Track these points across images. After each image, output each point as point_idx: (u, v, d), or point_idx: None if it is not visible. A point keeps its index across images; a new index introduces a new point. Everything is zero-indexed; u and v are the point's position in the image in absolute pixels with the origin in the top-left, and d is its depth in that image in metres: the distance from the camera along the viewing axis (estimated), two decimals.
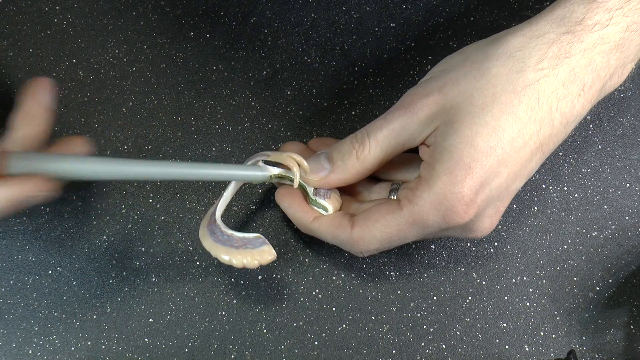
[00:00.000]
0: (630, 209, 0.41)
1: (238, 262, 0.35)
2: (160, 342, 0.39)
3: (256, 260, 0.34)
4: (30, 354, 0.39)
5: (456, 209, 0.32)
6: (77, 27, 0.43)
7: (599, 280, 0.40)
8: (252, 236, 0.35)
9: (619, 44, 0.32)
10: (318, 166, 0.36)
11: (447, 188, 0.32)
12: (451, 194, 0.32)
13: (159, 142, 0.42)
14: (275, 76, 0.43)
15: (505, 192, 0.33)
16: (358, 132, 0.35)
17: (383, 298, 0.40)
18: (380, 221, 0.34)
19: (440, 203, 0.32)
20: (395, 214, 0.34)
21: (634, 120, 0.42)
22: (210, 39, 0.43)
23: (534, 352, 0.39)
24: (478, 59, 0.33)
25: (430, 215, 0.32)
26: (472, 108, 0.32)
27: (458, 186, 0.31)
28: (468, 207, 0.32)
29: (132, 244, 0.40)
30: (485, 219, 0.34)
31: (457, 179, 0.31)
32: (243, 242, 0.35)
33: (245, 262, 0.34)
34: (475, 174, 0.31)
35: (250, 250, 0.35)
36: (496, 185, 0.32)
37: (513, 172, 0.32)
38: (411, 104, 0.33)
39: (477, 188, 0.32)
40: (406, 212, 0.33)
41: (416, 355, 0.39)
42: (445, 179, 0.32)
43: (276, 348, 0.39)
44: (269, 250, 0.35)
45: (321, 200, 0.36)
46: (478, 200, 0.32)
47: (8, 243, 0.40)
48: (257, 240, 0.35)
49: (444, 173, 0.32)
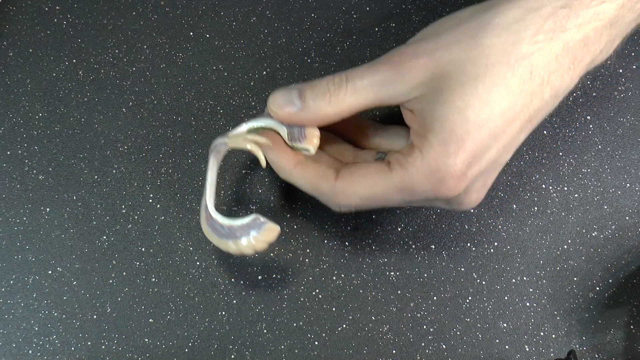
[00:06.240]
0: (630, 209, 0.41)
1: (248, 251, 0.34)
2: (160, 342, 0.39)
3: (264, 243, 0.34)
4: (30, 354, 0.39)
5: (447, 182, 0.32)
6: (77, 27, 0.43)
7: (599, 281, 0.40)
8: (250, 220, 0.35)
9: (613, 21, 0.32)
10: (288, 100, 0.34)
11: (440, 159, 0.31)
12: (444, 165, 0.31)
13: (159, 142, 0.42)
14: (275, 76, 0.43)
15: (494, 166, 0.33)
16: (337, 75, 0.34)
17: (383, 298, 0.40)
18: (367, 178, 0.33)
19: (432, 173, 0.32)
20: (384, 175, 0.33)
21: (634, 120, 0.42)
22: (210, 39, 0.43)
23: (534, 352, 0.39)
24: (472, 27, 0.32)
25: (420, 184, 0.32)
26: (464, 78, 0.31)
27: (451, 158, 0.31)
28: (459, 180, 0.32)
29: (132, 244, 0.40)
30: (472, 192, 0.33)
31: (449, 152, 0.31)
32: (243, 230, 0.35)
33: (255, 248, 0.34)
34: (468, 147, 0.31)
35: (254, 234, 0.34)
36: (487, 159, 0.32)
37: (503, 146, 0.32)
38: (399, 62, 0.32)
39: (469, 161, 0.31)
40: (396, 176, 0.32)
41: (416, 355, 0.39)
42: (438, 149, 0.31)
43: (276, 348, 0.39)
44: (272, 227, 0.34)
45: (297, 144, 0.35)
46: (469, 174, 0.32)
47: (8, 243, 0.40)
48: (256, 222, 0.34)
49: (437, 144, 0.31)
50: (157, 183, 0.41)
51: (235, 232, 0.35)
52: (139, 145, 0.42)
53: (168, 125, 0.42)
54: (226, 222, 0.35)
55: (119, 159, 0.41)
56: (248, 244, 0.34)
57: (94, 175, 0.41)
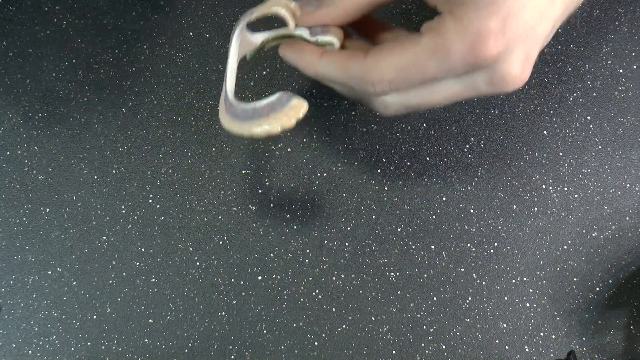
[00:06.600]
0: (631, 210, 0.41)
1: (274, 128, 0.32)
2: (160, 343, 0.39)
3: (292, 118, 0.32)
4: (30, 354, 0.39)
5: (484, 39, 0.29)
6: (77, 27, 0.43)
7: (599, 281, 0.40)
8: (276, 97, 0.32)
9: None
10: (305, 2, 0.33)
11: (473, 14, 0.29)
12: (478, 19, 0.29)
13: (159, 142, 0.42)
14: (275, 76, 0.43)
15: (533, 33, 0.31)
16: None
17: (383, 299, 0.40)
18: (398, 47, 0.31)
19: (466, 29, 0.29)
20: (416, 41, 0.31)
21: (634, 120, 0.42)
22: (210, 39, 0.43)
23: (534, 353, 0.39)
24: None
25: (455, 43, 0.30)
26: None
27: (483, 12, 0.29)
28: (497, 37, 0.29)
29: (132, 244, 0.40)
30: (515, 61, 0.31)
31: (481, 7, 0.29)
32: (269, 108, 0.32)
33: (282, 124, 0.32)
34: (501, 3, 0.29)
35: (280, 111, 0.32)
36: (523, 20, 0.30)
37: (538, 10, 0.30)
38: None
39: (504, 17, 0.29)
40: (428, 38, 0.30)
41: (416, 356, 0.39)
42: (470, 6, 0.29)
43: (276, 348, 0.39)
44: (299, 102, 0.32)
45: (321, 37, 0.34)
46: (507, 32, 0.29)
47: (8, 243, 0.40)
48: (282, 98, 0.32)
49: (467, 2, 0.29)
50: (157, 183, 0.41)
51: (260, 113, 0.33)
52: (139, 145, 0.42)
53: (168, 125, 0.42)
54: (249, 105, 0.33)
55: (119, 159, 0.41)
56: (274, 121, 0.32)
57: (94, 175, 0.41)
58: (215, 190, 0.41)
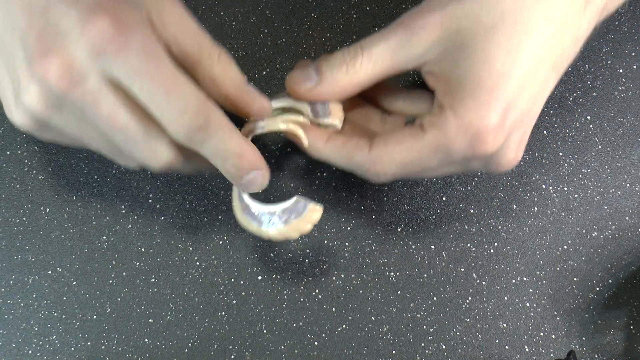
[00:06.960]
0: (631, 210, 0.41)
1: (293, 235, 0.34)
2: (160, 343, 0.39)
3: (309, 224, 0.34)
4: (30, 354, 0.39)
5: (484, 136, 0.30)
6: None
7: (599, 281, 0.40)
8: (292, 203, 0.34)
9: None
10: (305, 76, 0.34)
11: (473, 113, 0.30)
12: (478, 119, 0.30)
13: None
14: (275, 76, 0.43)
15: (528, 118, 0.32)
16: (352, 46, 0.33)
17: (383, 298, 0.40)
18: (401, 143, 0.32)
19: (467, 128, 0.30)
20: (418, 137, 0.32)
21: (634, 120, 0.42)
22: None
23: (534, 353, 0.39)
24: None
25: (456, 141, 0.31)
26: (481, 29, 0.30)
27: (484, 110, 0.30)
28: (496, 133, 0.30)
29: (132, 244, 0.40)
30: (511, 148, 0.32)
31: (481, 104, 0.30)
32: (286, 214, 0.34)
33: (300, 230, 0.34)
34: (499, 96, 0.30)
35: (297, 218, 0.34)
36: (519, 109, 0.31)
37: (533, 95, 0.31)
38: (411, 23, 0.32)
39: (503, 112, 0.30)
40: (430, 136, 0.31)
41: (416, 356, 0.39)
42: (469, 104, 0.30)
43: (276, 348, 0.39)
44: (315, 208, 0.34)
45: (323, 120, 0.35)
46: (505, 125, 0.31)
47: (8, 243, 0.40)
48: (298, 205, 0.34)
49: (467, 98, 0.30)
50: (157, 183, 0.41)
51: (277, 218, 0.34)
52: None
53: None
54: (265, 209, 0.34)
55: None
56: (293, 229, 0.34)
57: (94, 175, 0.41)
58: (215, 190, 0.41)
